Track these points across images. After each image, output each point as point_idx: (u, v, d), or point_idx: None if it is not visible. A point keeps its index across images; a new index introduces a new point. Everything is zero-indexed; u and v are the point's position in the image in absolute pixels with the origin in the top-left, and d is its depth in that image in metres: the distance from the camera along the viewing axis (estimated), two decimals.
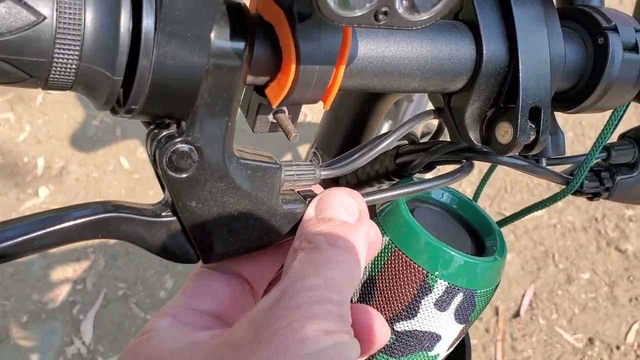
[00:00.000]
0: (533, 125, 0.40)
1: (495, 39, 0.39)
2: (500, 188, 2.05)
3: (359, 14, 0.29)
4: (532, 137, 0.40)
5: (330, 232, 0.35)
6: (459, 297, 0.46)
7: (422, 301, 0.46)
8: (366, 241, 0.36)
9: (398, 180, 0.51)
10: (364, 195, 0.42)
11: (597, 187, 0.51)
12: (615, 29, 0.42)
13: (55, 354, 1.74)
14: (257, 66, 0.33)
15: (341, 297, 0.32)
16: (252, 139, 2.06)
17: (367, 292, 0.48)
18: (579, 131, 2.22)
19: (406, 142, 0.50)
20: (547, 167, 0.48)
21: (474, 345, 1.69)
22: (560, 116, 0.47)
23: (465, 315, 0.47)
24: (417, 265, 0.45)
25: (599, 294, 1.82)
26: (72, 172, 2.11)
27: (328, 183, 0.57)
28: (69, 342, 1.76)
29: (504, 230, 1.70)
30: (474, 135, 0.41)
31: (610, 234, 1.95)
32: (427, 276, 0.45)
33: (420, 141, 0.50)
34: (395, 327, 0.47)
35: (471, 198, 0.52)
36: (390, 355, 0.48)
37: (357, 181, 0.55)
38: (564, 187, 0.49)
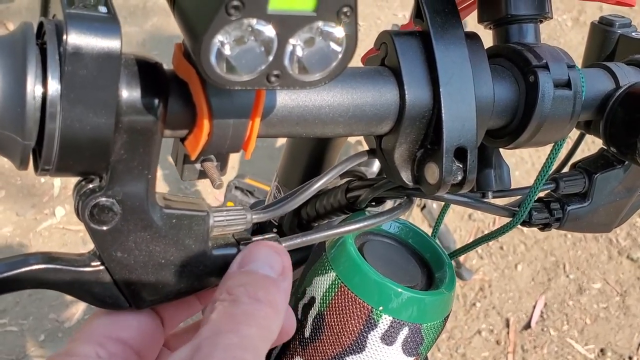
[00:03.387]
0: (460, 165, 0.41)
1: (417, 83, 0.40)
2: None
3: (249, 78, 0.30)
4: (460, 177, 0.41)
5: (252, 285, 0.35)
6: (404, 331, 0.47)
7: (369, 336, 0.47)
8: (287, 296, 0.37)
9: (351, 214, 0.53)
10: (313, 231, 0.43)
11: (547, 217, 0.51)
12: (545, 67, 0.43)
13: None
14: (172, 121, 0.34)
15: (256, 355, 0.32)
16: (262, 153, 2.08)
17: (317, 327, 0.49)
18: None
19: (355, 178, 0.51)
20: (490, 201, 0.49)
21: (484, 358, 1.69)
22: None
23: (413, 348, 0.48)
24: (361, 301, 0.46)
25: (611, 303, 1.80)
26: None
27: (291, 215, 0.59)
28: None
29: (515, 239, 1.70)
30: (405, 175, 0.42)
31: (621, 243, 1.93)
32: (372, 311, 0.46)
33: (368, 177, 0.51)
34: None
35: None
36: None
37: (316, 214, 0.56)
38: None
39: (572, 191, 0.51)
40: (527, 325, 1.75)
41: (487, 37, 0.48)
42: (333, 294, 0.48)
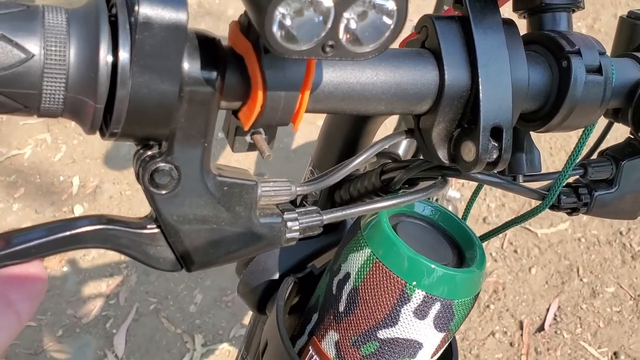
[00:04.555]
0: (496, 144, 0.43)
1: (457, 65, 0.42)
2: (525, 202, 2.06)
3: (306, 47, 0.32)
4: (495, 155, 0.43)
5: None
6: (436, 306, 0.49)
7: (402, 310, 0.49)
8: None
9: (384, 196, 0.55)
10: (351, 205, 0.45)
11: (575, 202, 0.53)
12: (578, 53, 0.45)
13: None
14: (229, 93, 0.37)
15: None
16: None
17: (352, 302, 0.51)
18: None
19: (390, 160, 0.53)
20: (523, 184, 0.50)
21: (498, 359, 1.70)
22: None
23: (444, 323, 0.50)
24: (395, 276, 0.48)
25: (624, 307, 1.81)
26: (105, 190, 2.18)
27: (325, 199, 0.61)
28: (102, 356, 1.80)
29: (529, 243, 1.70)
30: (442, 154, 0.44)
31: (635, 248, 1.94)
32: (406, 286, 0.48)
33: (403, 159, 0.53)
34: (378, 335, 0.50)
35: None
36: None
37: (350, 197, 0.58)
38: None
39: (600, 177, 0.53)
40: (541, 328, 1.76)
41: (522, 27, 0.50)
42: (368, 269, 0.50)
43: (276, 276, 0.60)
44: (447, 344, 0.54)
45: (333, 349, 0.53)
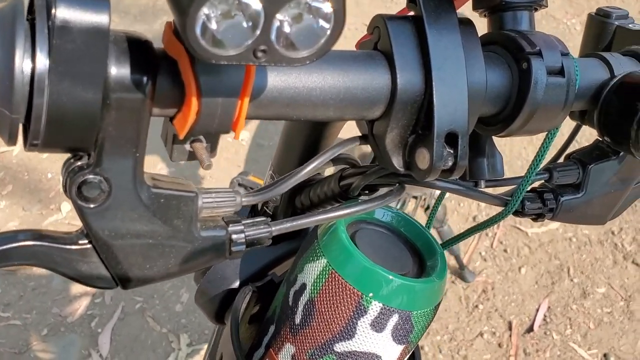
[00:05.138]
0: (451, 151, 0.41)
1: (409, 68, 0.40)
2: None
3: (235, 52, 0.30)
4: (450, 162, 0.41)
5: None
6: (394, 318, 0.47)
7: (358, 322, 0.47)
8: None
9: (342, 203, 0.53)
10: (303, 215, 0.43)
11: (540, 208, 0.51)
12: (539, 54, 0.43)
13: None
14: (161, 99, 0.34)
15: None
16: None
17: (308, 314, 0.49)
18: None
19: (348, 165, 0.51)
20: (483, 189, 0.48)
21: None
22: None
23: (403, 335, 0.48)
24: (352, 287, 0.46)
25: (615, 308, 1.79)
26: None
27: (285, 204, 0.59)
28: (87, 355, 1.79)
29: (519, 242, 1.68)
30: (396, 161, 0.42)
31: (627, 248, 1.92)
32: (362, 298, 0.46)
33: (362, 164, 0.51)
34: (335, 348, 0.48)
35: None
36: None
37: (311, 203, 0.56)
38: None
39: (566, 182, 0.51)
40: (530, 329, 1.74)
41: (482, 26, 0.48)
42: (324, 280, 0.48)
43: (235, 284, 0.58)
44: (408, 355, 0.52)
45: None
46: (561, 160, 0.54)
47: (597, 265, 1.88)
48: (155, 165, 2.18)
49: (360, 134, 0.45)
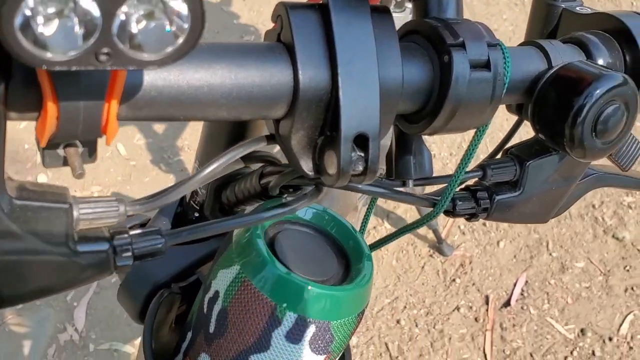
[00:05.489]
0: (362, 154, 0.37)
1: (313, 63, 0.36)
2: None
3: (70, 57, 0.26)
4: (361, 167, 0.37)
5: None
6: (311, 329, 0.44)
7: (273, 334, 0.44)
8: None
9: (266, 201, 0.49)
10: (201, 224, 0.40)
11: (474, 207, 0.48)
12: (461, 46, 0.39)
13: (48, 340, 1.76)
14: (16, 103, 0.31)
15: None
16: None
17: (221, 324, 0.45)
18: None
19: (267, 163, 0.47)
20: (411, 190, 0.45)
21: (462, 334, 1.67)
22: None
23: (323, 347, 0.45)
24: (264, 297, 0.43)
25: (594, 283, 1.77)
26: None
27: (212, 199, 0.55)
28: (62, 329, 1.77)
29: None
30: (305, 164, 0.38)
31: (607, 222, 1.89)
32: (276, 308, 0.43)
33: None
34: None
35: None
36: None
37: (236, 199, 0.52)
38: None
39: (502, 179, 0.48)
40: (507, 303, 1.73)
41: None
42: (236, 289, 0.44)
43: (160, 283, 0.55)
44: None
45: None
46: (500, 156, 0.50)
47: (577, 240, 1.85)
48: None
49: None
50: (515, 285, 1.75)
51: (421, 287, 1.75)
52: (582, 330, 1.68)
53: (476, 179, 0.47)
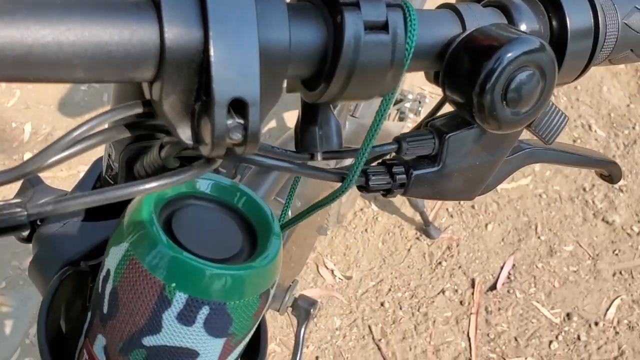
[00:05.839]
0: (241, 122, 0.34)
1: (181, 20, 0.33)
2: None
3: None
4: (240, 135, 0.34)
5: None
6: (204, 311, 0.41)
7: (163, 315, 0.41)
8: None
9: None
10: (68, 195, 0.37)
11: (389, 183, 0.44)
12: (356, 5, 0.36)
13: (30, 320, 1.75)
14: None
15: None
16: None
17: (113, 304, 0.43)
18: (573, 97, 2.10)
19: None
20: (316, 165, 0.42)
21: (446, 318, 1.64)
22: None
23: (221, 329, 0.42)
24: (152, 276, 0.40)
25: (582, 267, 1.73)
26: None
27: (124, 172, 0.52)
28: None
29: (487, 198, 1.61)
30: (183, 132, 0.35)
31: (598, 205, 1.84)
32: (164, 288, 0.40)
33: None
34: (143, 342, 0.42)
35: None
36: None
37: (145, 173, 0.49)
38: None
39: (420, 153, 0.44)
40: (493, 287, 1.69)
41: None
42: (125, 267, 0.41)
43: (73, 260, 0.52)
44: (241, 346, 0.46)
45: (103, 355, 0.45)
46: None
47: (566, 223, 1.81)
48: None
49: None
50: (502, 268, 1.72)
51: (407, 269, 1.73)
52: (568, 315, 1.64)
53: (393, 153, 0.44)
